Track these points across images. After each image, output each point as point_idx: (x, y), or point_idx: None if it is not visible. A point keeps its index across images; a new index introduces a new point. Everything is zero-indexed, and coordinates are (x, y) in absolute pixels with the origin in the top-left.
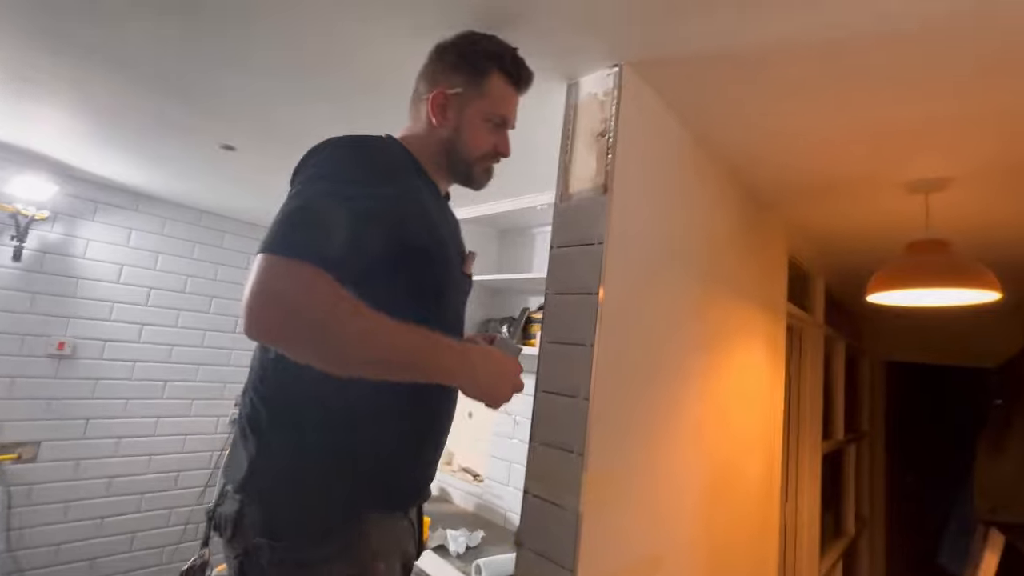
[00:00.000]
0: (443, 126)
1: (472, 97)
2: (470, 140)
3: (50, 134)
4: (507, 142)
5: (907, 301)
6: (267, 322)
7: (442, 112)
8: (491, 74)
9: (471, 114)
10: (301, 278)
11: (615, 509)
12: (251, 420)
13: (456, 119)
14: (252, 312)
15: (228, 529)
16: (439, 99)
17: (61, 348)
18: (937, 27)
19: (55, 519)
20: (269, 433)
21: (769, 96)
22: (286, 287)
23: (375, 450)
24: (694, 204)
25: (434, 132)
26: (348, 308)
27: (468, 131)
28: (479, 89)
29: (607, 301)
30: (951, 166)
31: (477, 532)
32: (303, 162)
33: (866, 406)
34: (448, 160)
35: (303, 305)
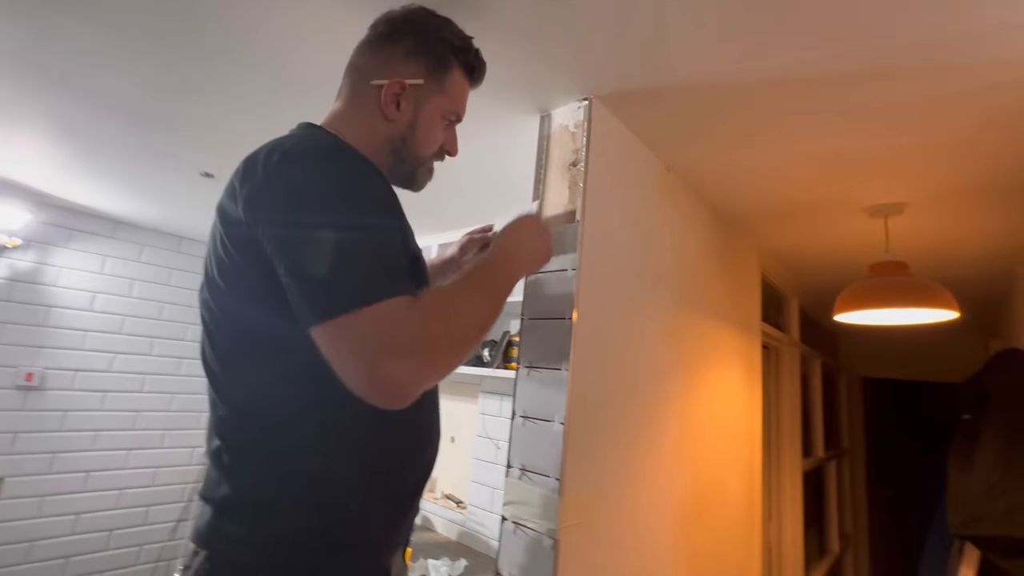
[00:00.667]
0: (396, 120)
1: (432, 91)
2: (423, 138)
3: (26, 163)
4: (456, 141)
5: (871, 320)
6: (414, 376)
7: (396, 104)
8: (453, 69)
9: (430, 110)
10: (397, 316)
11: (593, 533)
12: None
13: (412, 114)
14: (378, 380)
15: None
16: (395, 89)
17: (29, 379)
18: (885, 69)
19: (16, 560)
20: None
21: (734, 128)
22: (395, 333)
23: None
24: (666, 229)
25: (384, 126)
26: (441, 309)
27: (423, 128)
28: (440, 84)
29: (581, 325)
30: (906, 192)
31: (460, 561)
32: (261, 184)
33: (845, 423)
34: (395, 158)
35: (421, 337)
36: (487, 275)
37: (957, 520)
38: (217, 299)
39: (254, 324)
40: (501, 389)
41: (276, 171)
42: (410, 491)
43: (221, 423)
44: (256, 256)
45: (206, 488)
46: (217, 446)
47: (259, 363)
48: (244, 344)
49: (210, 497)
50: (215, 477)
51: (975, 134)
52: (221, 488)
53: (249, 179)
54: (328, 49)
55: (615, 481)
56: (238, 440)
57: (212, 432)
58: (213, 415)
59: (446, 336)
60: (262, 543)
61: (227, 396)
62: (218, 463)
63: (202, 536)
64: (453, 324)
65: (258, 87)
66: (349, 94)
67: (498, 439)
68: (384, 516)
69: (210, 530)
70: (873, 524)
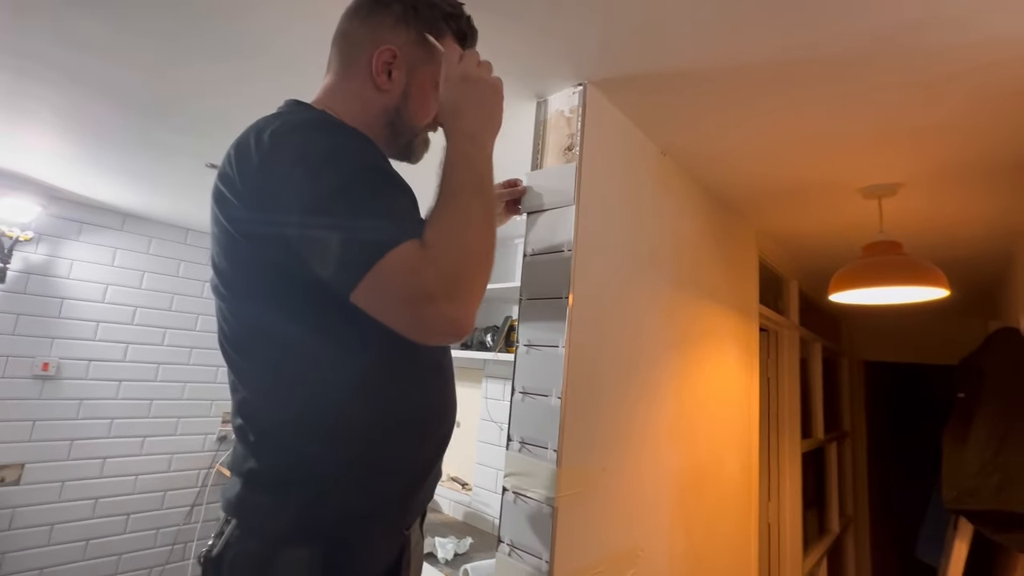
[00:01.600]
0: (388, 90)
1: (422, 60)
2: (417, 108)
3: (35, 156)
4: None
5: (865, 299)
6: (452, 310)
7: (388, 73)
8: (445, 36)
9: (422, 78)
10: (415, 261)
11: (590, 503)
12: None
13: (404, 83)
14: (429, 320)
15: (248, 573)
16: (386, 57)
17: (45, 369)
18: (873, 51)
19: (39, 543)
20: (315, 464)
21: (727, 111)
22: (425, 280)
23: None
24: (661, 211)
25: (377, 96)
26: (446, 237)
27: (416, 98)
28: (429, 52)
29: (577, 304)
30: (900, 173)
31: (465, 539)
32: (258, 170)
33: (847, 406)
34: (390, 130)
35: (455, 267)
36: (463, 175)
37: (951, 495)
38: (225, 286)
39: (264, 309)
40: (504, 373)
41: (271, 156)
42: (426, 464)
43: (243, 404)
44: (260, 241)
45: (234, 462)
46: (240, 424)
47: (272, 346)
48: (256, 328)
49: (238, 470)
50: (242, 452)
51: (965, 114)
52: (248, 463)
53: (245, 165)
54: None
55: (612, 454)
56: (259, 420)
57: (235, 411)
58: (235, 395)
59: (462, 261)
60: (288, 513)
61: (245, 379)
62: (244, 440)
63: (232, 505)
64: (465, 244)
65: (262, 78)
66: (339, 66)
67: (501, 422)
68: (401, 488)
69: (239, 500)
70: (874, 505)
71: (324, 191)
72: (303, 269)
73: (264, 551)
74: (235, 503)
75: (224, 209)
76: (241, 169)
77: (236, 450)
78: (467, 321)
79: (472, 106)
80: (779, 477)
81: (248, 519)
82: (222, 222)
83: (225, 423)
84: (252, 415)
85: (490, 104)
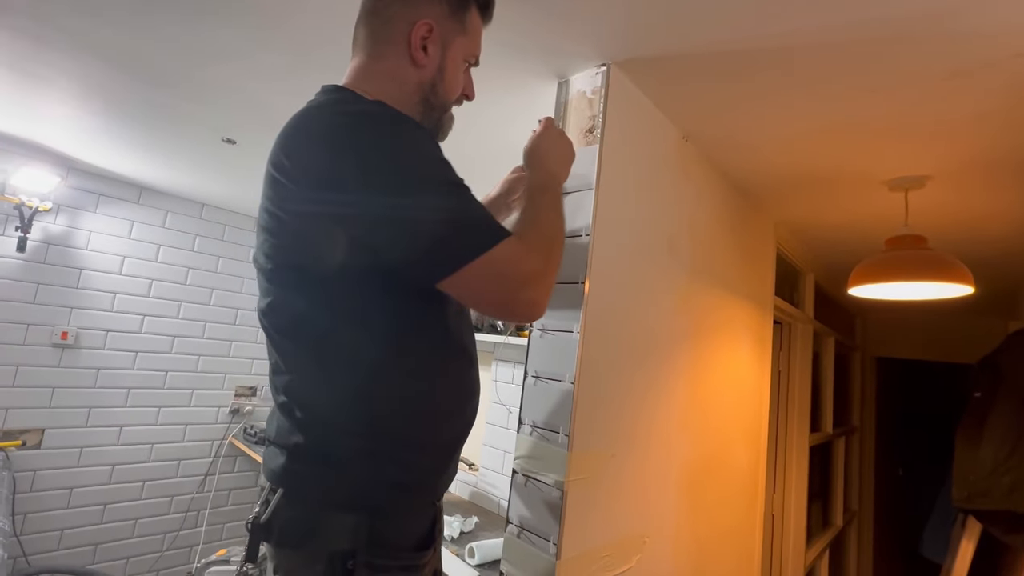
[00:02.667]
0: (425, 65)
1: (455, 33)
2: (452, 82)
3: (54, 126)
4: (472, 84)
5: (886, 294)
6: (537, 296)
7: (424, 49)
8: (471, 8)
9: (454, 52)
10: (514, 253)
11: (599, 488)
12: (328, 427)
13: (439, 58)
14: (521, 303)
15: (296, 537)
16: (423, 31)
17: (64, 337)
18: (907, 34)
19: (58, 505)
20: (357, 439)
21: (756, 96)
22: (521, 268)
23: (446, 440)
24: (681, 199)
25: (413, 73)
26: (537, 238)
27: (451, 71)
28: (462, 24)
29: (593, 290)
30: (929, 165)
31: (471, 518)
32: (328, 159)
33: (856, 401)
34: (425, 106)
35: (539, 263)
36: (546, 198)
37: (962, 494)
38: (273, 270)
39: (310, 294)
40: (514, 357)
41: (341, 143)
42: (455, 440)
43: (289, 384)
44: (315, 227)
45: (279, 435)
46: (286, 401)
47: (316, 331)
48: (301, 313)
49: (283, 444)
50: (287, 427)
51: (1001, 105)
52: (294, 437)
53: (306, 151)
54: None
55: (622, 441)
56: (305, 399)
57: (279, 389)
58: (279, 376)
59: (549, 258)
60: (332, 483)
61: (290, 361)
62: (290, 416)
63: (277, 476)
64: (549, 247)
65: (279, 53)
66: (370, 45)
67: (510, 404)
68: (434, 463)
69: (284, 471)
70: (879, 501)
71: (414, 180)
72: (357, 255)
73: (312, 517)
74: (280, 474)
75: (277, 194)
76: (301, 155)
77: (280, 424)
78: (546, 304)
79: (560, 160)
80: (785, 470)
81: (295, 488)
82: (272, 208)
83: (239, 396)
84: (298, 394)
85: (569, 164)
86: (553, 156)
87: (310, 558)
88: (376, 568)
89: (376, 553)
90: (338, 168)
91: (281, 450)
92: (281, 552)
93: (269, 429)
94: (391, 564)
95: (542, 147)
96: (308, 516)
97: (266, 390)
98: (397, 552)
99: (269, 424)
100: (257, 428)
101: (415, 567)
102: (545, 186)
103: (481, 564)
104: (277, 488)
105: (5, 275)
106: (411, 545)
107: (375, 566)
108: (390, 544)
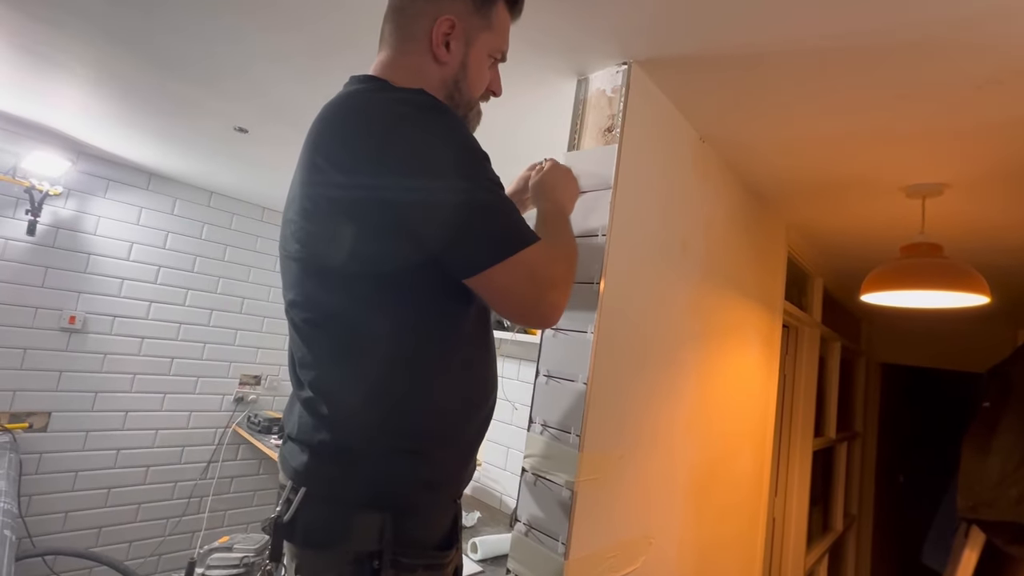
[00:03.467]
0: (447, 62)
1: (479, 29)
2: (476, 78)
3: (65, 111)
4: (499, 80)
5: (899, 302)
6: (559, 301)
7: (446, 45)
8: (497, 3)
9: (479, 48)
10: (543, 256)
11: (608, 489)
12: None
13: (463, 53)
14: (545, 305)
15: (322, 537)
16: (445, 28)
17: (72, 322)
18: (939, 41)
19: (64, 488)
20: (387, 437)
21: (776, 98)
22: (549, 272)
23: (469, 438)
24: (695, 200)
25: (436, 69)
26: (560, 248)
27: (474, 68)
28: (487, 19)
29: (608, 290)
30: (949, 173)
31: (474, 513)
32: (377, 147)
33: (860, 407)
34: (450, 103)
35: (564, 271)
36: (560, 222)
37: (967, 504)
38: (308, 257)
39: (341, 288)
40: (519, 353)
41: (394, 131)
42: (476, 438)
43: (315, 380)
44: (360, 214)
45: (301, 432)
46: (312, 397)
47: (345, 327)
48: (330, 308)
49: (306, 441)
50: (311, 423)
51: None
52: (318, 434)
53: (350, 138)
54: (370, 6)
55: (631, 442)
56: (332, 396)
57: (304, 383)
58: (306, 371)
59: (569, 269)
60: (357, 482)
61: (318, 356)
62: (315, 413)
63: (300, 474)
64: (569, 259)
65: (292, 40)
66: (395, 40)
67: (515, 401)
68: (458, 459)
69: (308, 470)
70: (879, 508)
71: (461, 172)
72: (397, 245)
73: (338, 517)
74: (304, 472)
75: (316, 180)
76: (346, 142)
77: (303, 420)
78: (562, 310)
79: (570, 195)
80: (788, 474)
81: (318, 487)
82: (311, 194)
83: (243, 385)
84: (324, 391)
85: (576, 191)
86: (561, 190)
87: (337, 559)
88: (403, 567)
89: (403, 552)
90: (387, 154)
91: (303, 447)
92: (306, 553)
93: (288, 424)
94: (417, 563)
95: (549, 182)
96: (334, 516)
97: (270, 379)
98: (423, 551)
99: (287, 419)
100: (261, 417)
101: (439, 566)
102: (557, 213)
103: (484, 559)
104: (299, 487)
105: (15, 258)
106: (435, 543)
107: (402, 565)
108: (416, 542)
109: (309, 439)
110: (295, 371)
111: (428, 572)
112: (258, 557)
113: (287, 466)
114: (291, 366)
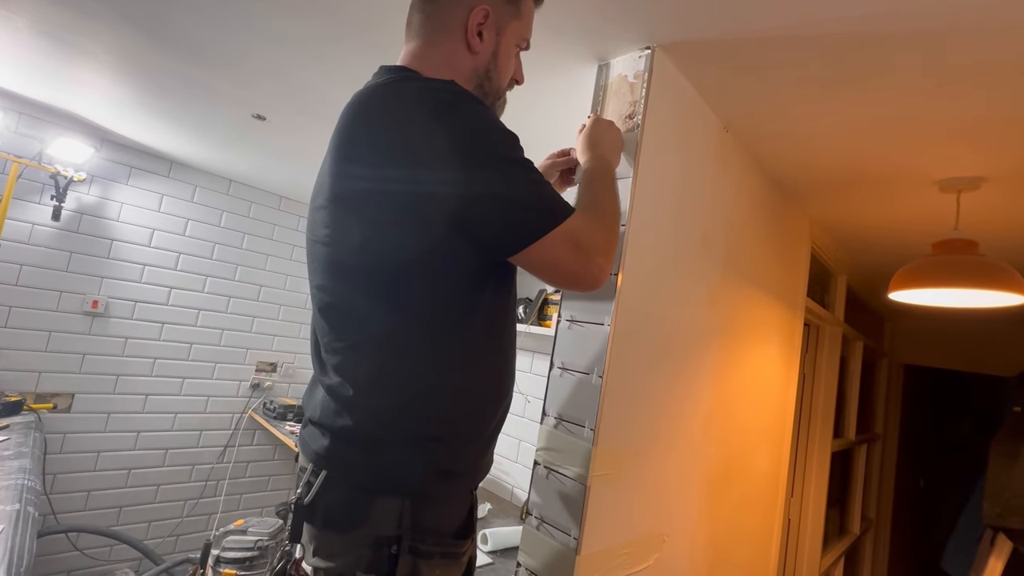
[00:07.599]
0: (479, 52)
1: (509, 18)
2: (504, 67)
3: (89, 97)
4: (522, 68)
5: (929, 300)
6: (606, 265)
7: (479, 35)
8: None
9: (508, 37)
10: (583, 225)
11: (622, 484)
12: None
13: (494, 43)
14: (594, 269)
15: (343, 520)
16: (479, 18)
17: (95, 306)
18: (971, 26)
19: (86, 467)
20: (411, 423)
21: (806, 86)
22: (591, 239)
23: (486, 429)
24: (718, 191)
25: (468, 59)
26: (599, 216)
27: (503, 57)
28: (517, 8)
29: (626, 282)
30: (987, 165)
31: (484, 504)
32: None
33: (881, 408)
34: (479, 93)
35: (607, 235)
36: (604, 180)
37: (994, 511)
38: (338, 244)
39: (380, 272)
40: (532, 346)
41: (425, 123)
42: (495, 429)
43: (340, 365)
44: (391, 207)
45: (323, 416)
46: (337, 383)
47: (380, 313)
48: (367, 292)
49: (328, 425)
50: (334, 408)
51: None
52: (341, 419)
53: (379, 131)
54: None
55: (646, 438)
56: (356, 382)
57: (329, 368)
58: (332, 356)
59: (612, 232)
60: (378, 468)
61: (347, 341)
62: (338, 397)
63: (321, 458)
64: (611, 222)
65: (310, 24)
66: (426, 30)
67: (528, 394)
68: (475, 450)
69: (329, 454)
70: (898, 511)
71: (500, 156)
72: (430, 232)
73: (358, 500)
74: (325, 456)
75: (348, 170)
76: (383, 131)
77: (325, 405)
78: (609, 272)
79: (612, 147)
80: (805, 475)
81: (339, 471)
82: (343, 183)
83: (259, 371)
84: (349, 377)
85: (619, 151)
86: (605, 142)
87: (356, 542)
88: (420, 554)
89: (420, 539)
90: (423, 145)
91: (324, 431)
92: (325, 535)
93: (310, 408)
94: (434, 551)
95: (594, 134)
96: (354, 500)
97: (286, 367)
98: (440, 538)
99: (308, 403)
100: (277, 403)
101: (456, 555)
102: (601, 170)
103: (494, 551)
104: (320, 470)
105: (41, 243)
106: (452, 532)
107: (419, 551)
108: (433, 530)
109: (331, 423)
110: (319, 355)
111: (445, 560)
112: (272, 541)
113: (308, 449)
114: (314, 350)
